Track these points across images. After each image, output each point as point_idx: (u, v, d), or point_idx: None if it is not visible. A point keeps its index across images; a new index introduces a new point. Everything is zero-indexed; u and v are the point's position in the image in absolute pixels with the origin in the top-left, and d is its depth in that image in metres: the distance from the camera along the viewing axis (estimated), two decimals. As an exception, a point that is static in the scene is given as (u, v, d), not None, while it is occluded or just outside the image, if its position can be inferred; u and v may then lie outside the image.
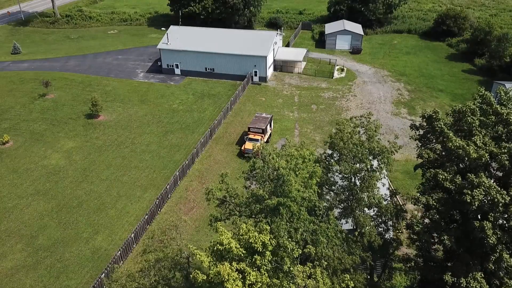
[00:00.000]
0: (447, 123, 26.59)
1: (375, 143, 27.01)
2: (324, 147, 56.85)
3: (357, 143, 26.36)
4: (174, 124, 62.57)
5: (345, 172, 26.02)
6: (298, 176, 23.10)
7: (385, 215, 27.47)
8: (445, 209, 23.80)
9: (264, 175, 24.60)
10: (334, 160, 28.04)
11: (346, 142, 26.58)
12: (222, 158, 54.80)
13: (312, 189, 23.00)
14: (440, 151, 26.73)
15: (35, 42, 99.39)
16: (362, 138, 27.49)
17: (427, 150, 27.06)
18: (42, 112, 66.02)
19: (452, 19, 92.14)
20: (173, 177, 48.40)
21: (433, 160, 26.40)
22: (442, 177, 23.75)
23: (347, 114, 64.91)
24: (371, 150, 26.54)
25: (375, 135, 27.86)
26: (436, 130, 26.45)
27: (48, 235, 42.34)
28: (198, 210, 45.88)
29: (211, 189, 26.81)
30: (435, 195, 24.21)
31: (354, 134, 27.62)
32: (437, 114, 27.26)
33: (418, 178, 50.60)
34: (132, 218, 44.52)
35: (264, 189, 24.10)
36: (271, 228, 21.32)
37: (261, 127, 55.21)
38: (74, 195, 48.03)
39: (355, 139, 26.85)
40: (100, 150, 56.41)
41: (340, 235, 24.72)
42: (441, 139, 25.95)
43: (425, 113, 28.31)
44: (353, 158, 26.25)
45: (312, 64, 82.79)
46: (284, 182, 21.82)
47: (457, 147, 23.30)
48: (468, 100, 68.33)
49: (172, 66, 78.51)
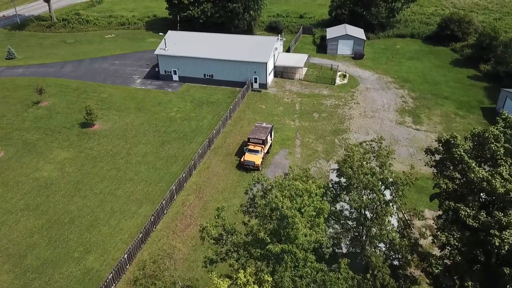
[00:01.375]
0: (467, 149, 24.35)
1: (388, 172, 24.83)
2: (326, 158, 54.91)
3: (368, 172, 24.17)
4: (172, 133, 60.52)
5: (355, 207, 23.84)
6: (304, 214, 20.95)
7: (399, 252, 25.32)
8: (468, 250, 21.68)
9: (265, 213, 22.39)
10: (342, 188, 25.77)
11: (356, 171, 24.36)
12: (221, 170, 52.74)
13: (320, 228, 20.87)
14: (459, 180, 24.49)
15: (31, 46, 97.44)
16: (372, 164, 25.32)
17: (445, 180, 24.79)
18: (35, 120, 63.98)
19: (456, 24, 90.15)
20: (169, 191, 46.35)
21: (452, 191, 24.21)
22: (464, 213, 21.63)
23: (350, 122, 62.89)
24: (383, 181, 24.40)
25: (387, 162, 25.66)
26: (455, 158, 24.23)
27: (37, 254, 40.25)
28: (195, 227, 43.73)
29: (205, 226, 24.52)
30: (456, 233, 22.04)
31: (364, 161, 25.35)
32: (456, 139, 25.05)
33: (425, 192, 48.67)
34: (126, 236, 42.44)
35: (265, 228, 21.86)
36: (274, 279, 19.21)
37: (261, 137, 53.14)
38: (66, 210, 45.96)
39: (365, 168, 24.63)
40: (94, 161, 54.36)
41: (352, 282, 22.39)
42: (461, 167, 23.77)
43: (441, 137, 26.11)
44: (364, 189, 24.09)
45: (313, 70, 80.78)
46: (289, 224, 19.70)
47: (480, 179, 21.24)
48: (475, 108, 67.23)
49: (170, 72, 76.50)
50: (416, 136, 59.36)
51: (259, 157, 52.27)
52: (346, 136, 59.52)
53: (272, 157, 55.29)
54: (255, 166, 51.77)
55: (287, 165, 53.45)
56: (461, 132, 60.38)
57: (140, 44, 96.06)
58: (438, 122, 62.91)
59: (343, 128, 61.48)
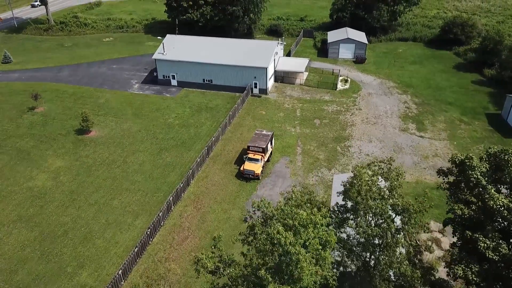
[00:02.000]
0: (483, 171, 22.76)
1: (399, 199, 23.19)
2: (328, 166, 53.41)
3: (376, 197, 22.56)
4: (169, 140, 59.06)
5: (363, 236, 22.24)
6: (309, 247, 19.35)
7: (411, 284, 23.70)
8: (488, 285, 20.18)
9: (266, 247, 20.66)
10: (348, 210, 24.12)
11: (364, 196, 22.76)
12: (220, 179, 51.25)
13: (327, 262, 19.27)
14: (475, 205, 22.82)
15: (28, 50, 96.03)
16: (381, 184, 23.65)
17: (460, 205, 23.18)
18: (31, 127, 62.52)
19: (459, 27, 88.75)
20: (166, 202, 44.84)
21: (468, 217, 22.62)
22: (484, 245, 20.12)
23: (352, 129, 61.43)
24: (394, 207, 22.83)
25: (398, 186, 24.06)
26: (471, 181, 22.67)
27: (29, 269, 38.75)
28: (193, 239, 42.30)
29: (200, 258, 22.85)
30: (474, 266, 20.49)
31: (373, 184, 23.60)
32: (471, 160, 23.40)
33: (431, 202, 47.16)
34: (121, 250, 40.95)
35: (266, 264, 20.19)
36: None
37: (261, 146, 51.65)
38: (60, 222, 44.47)
39: (374, 192, 23.00)
40: (89, 170, 52.87)
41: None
42: (477, 191, 22.23)
43: (455, 157, 24.55)
44: (373, 216, 22.49)
45: (314, 75, 79.36)
46: (292, 261, 18.13)
47: (500, 207, 19.79)
48: (480, 115, 65.71)
49: (168, 77, 75.07)
50: (420, 144, 57.89)
51: (259, 166, 50.80)
52: (349, 143, 58.07)
53: (272, 165, 53.82)
54: (255, 175, 50.31)
55: (288, 174, 52.09)
56: (466, 139, 59.03)
57: (138, 48, 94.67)
58: (442, 129, 61.45)
59: (345, 135, 60.02)
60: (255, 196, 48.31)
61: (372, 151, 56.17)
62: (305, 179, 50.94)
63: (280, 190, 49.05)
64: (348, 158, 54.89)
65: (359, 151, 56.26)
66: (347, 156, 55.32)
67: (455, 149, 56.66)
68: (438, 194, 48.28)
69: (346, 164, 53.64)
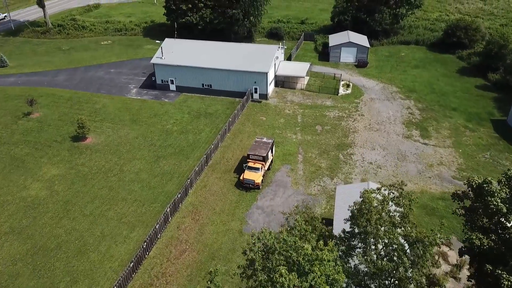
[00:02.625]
0: (504, 197, 21.20)
1: (413, 230, 21.55)
2: (330, 175, 51.96)
3: (388, 227, 20.86)
4: (167, 148, 57.63)
5: (373, 271, 20.69)
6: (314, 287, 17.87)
7: None
8: None
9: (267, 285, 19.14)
10: (356, 237, 22.50)
11: (374, 226, 21.12)
12: (219, 188, 49.81)
13: None
14: (495, 233, 21.25)
15: (24, 53, 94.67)
16: (391, 208, 22.02)
17: (479, 234, 21.61)
18: (25, 133, 61.12)
19: (462, 31, 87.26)
20: (163, 214, 43.39)
21: (488, 248, 21.05)
22: (507, 283, 18.61)
23: (355, 136, 59.99)
24: (407, 238, 21.25)
25: (410, 214, 22.54)
26: (490, 208, 21.17)
27: (20, 285, 37.30)
28: (191, 253, 40.84)
29: None
30: None
31: (384, 211, 21.88)
32: (490, 185, 21.81)
33: (437, 214, 45.70)
34: (116, 264, 39.50)
35: None
36: None
37: (261, 154, 50.17)
38: (53, 234, 43.03)
39: (385, 220, 21.33)
40: (85, 178, 51.44)
41: None
42: (497, 219, 20.75)
43: (472, 180, 23.00)
44: (384, 247, 20.89)
45: (315, 79, 77.94)
46: None
47: None
48: (485, 121, 64.26)
49: (167, 82, 73.65)
50: (425, 152, 56.44)
51: (260, 175, 49.34)
52: (351, 151, 56.61)
53: (273, 174, 52.38)
54: (255, 184, 48.86)
55: (289, 183, 50.66)
56: (472, 147, 57.59)
57: (137, 51, 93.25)
58: (447, 136, 60.00)
59: (347, 142, 58.58)
60: (255, 206, 46.90)
61: (375, 159, 54.73)
62: (307, 189, 49.50)
63: (281, 201, 47.66)
64: (350, 166, 53.45)
65: (362, 159, 54.82)
66: (349, 164, 53.88)
67: (460, 157, 55.26)
68: (444, 205, 46.91)
69: (349, 173, 52.20)
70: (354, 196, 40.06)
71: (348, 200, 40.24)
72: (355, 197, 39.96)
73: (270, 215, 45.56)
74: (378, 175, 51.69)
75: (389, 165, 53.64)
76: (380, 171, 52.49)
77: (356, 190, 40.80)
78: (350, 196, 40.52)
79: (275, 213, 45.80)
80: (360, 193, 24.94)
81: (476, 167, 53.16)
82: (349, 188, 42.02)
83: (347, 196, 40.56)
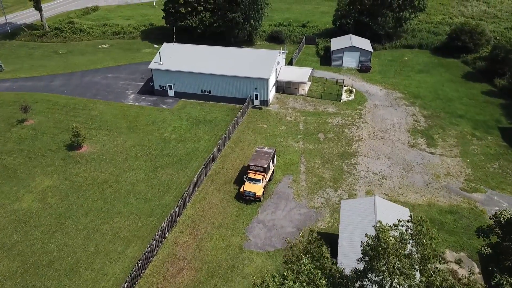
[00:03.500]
0: None
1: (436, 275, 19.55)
2: (334, 186, 50.07)
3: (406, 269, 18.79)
4: (165, 157, 55.75)
5: None
6: None
7: None
8: None
9: None
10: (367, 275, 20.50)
11: (393, 271, 18.84)
12: (218, 201, 47.91)
13: None
14: None
15: (20, 57, 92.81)
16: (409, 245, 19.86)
17: (509, 278, 19.77)
18: (19, 142, 59.26)
19: (467, 34, 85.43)
20: (160, 229, 41.49)
21: None
22: None
23: (359, 145, 58.12)
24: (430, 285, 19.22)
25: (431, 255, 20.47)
26: None
27: (8, 307, 35.50)
28: (189, 271, 38.95)
29: None
30: None
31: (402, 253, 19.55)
32: None
33: (445, 228, 43.77)
34: (110, 283, 37.61)
35: None
36: None
37: (262, 165, 48.26)
38: (45, 250, 41.15)
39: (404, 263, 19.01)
40: (79, 190, 49.57)
41: None
42: None
43: (500, 215, 21.11)
44: None
45: (317, 85, 76.08)
46: None
47: None
48: (492, 128, 62.39)
49: (165, 88, 71.80)
50: (431, 161, 54.54)
51: (260, 187, 47.41)
52: (355, 160, 54.74)
53: (274, 185, 50.50)
54: (256, 197, 46.96)
55: (292, 195, 48.77)
56: (480, 156, 55.71)
57: (135, 55, 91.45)
58: (453, 145, 58.11)
59: (351, 151, 56.70)
60: (256, 220, 45.00)
61: (380, 170, 52.86)
62: (310, 201, 47.61)
63: (283, 214, 45.77)
64: (355, 177, 51.56)
65: (366, 169, 52.93)
66: (353, 175, 52.00)
67: (468, 167, 53.38)
68: (453, 219, 45.04)
69: (353, 184, 50.31)
70: (359, 212, 38.35)
71: (353, 215, 38.51)
72: (361, 213, 38.21)
73: (271, 230, 43.67)
74: (384, 187, 49.82)
75: (395, 176, 51.77)
76: (386, 182, 50.61)
77: (362, 206, 39.14)
78: (356, 212, 38.75)
79: (277, 227, 43.93)
80: (372, 227, 22.94)
81: (485, 178, 51.30)
82: (354, 204, 40.14)
83: (352, 212, 38.77)
